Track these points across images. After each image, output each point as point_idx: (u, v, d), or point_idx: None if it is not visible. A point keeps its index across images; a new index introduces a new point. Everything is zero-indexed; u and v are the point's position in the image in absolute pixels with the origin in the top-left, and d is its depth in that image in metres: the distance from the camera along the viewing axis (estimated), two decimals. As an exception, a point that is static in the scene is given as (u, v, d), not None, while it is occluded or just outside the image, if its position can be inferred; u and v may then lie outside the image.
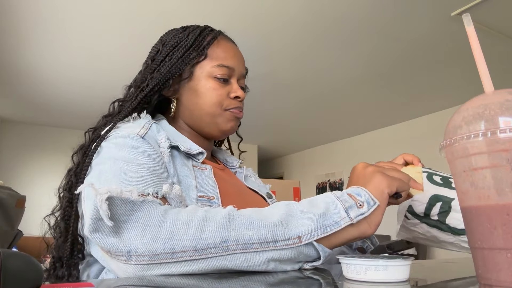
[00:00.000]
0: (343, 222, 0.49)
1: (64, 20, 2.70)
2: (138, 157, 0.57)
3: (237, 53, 0.80)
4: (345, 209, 0.49)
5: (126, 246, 0.44)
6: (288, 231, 0.48)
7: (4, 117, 4.87)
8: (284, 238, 0.47)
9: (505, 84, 2.36)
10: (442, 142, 0.38)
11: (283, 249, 0.47)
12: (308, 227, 0.48)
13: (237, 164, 0.87)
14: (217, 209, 0.50)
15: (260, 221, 0.48)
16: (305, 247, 0.49)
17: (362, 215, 0.49)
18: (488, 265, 0.34)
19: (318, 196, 0.54)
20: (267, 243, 0.47)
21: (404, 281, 0.42)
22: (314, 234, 0.48)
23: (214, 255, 0.45)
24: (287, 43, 3.07)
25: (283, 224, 0.48)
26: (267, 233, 0.47)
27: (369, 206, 0.50)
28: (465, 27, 0.39)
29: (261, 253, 0.47)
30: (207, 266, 0.45)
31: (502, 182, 0.33)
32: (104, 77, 3.66)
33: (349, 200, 0.51)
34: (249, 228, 0.47)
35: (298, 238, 0.48)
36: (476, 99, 0.37)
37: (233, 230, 0.46)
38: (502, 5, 2.48)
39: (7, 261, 0.26)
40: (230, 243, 0.45)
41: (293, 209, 0.51)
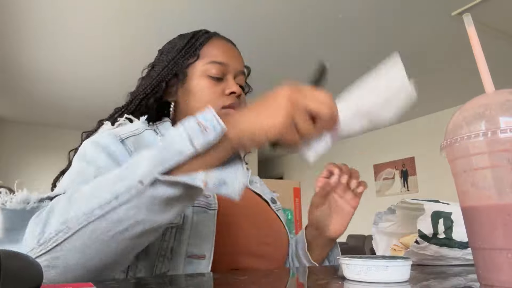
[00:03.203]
0: (186, 151, 0.42)
1: (65, 21, 2.70)
2: (98, 157, 0.59)
3: (230, 50, 0.79)
4: (188, 138, 0.42)
5: None
6: (128, 180, 0.42)
7: (4, 117, 4.87)
8: (125, 190, 0.41)
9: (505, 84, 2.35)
10: (443, 142, 0.38)
11: (128, 201, 0.41)
12: (147, 166, 0.42)
13: None
14: (68, 192, 0.46)
15: (100, 186, 0.44)
16: (154, 189, 0.41)
17: (207, 143, 0.42)
18: (488, 265, 0.34)
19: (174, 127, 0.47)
20: (109, 203, 0.41)
21: (404, 282, 0.41)
22: (154, 170, 0.41)
23: (58, 242, 0.41)
24: (287, 42, 3.07)
25: (123, 176, 0.43)
26: (107, 194, 0.42)
27: (215, 131, 0.42)
28: (466, 27, 0.39)
29: (106, 217, 0.41)
30: (59, 255, 0.41)
31: (502, 182, 0.33)
32: (104, 77, 3.66)
33: (195, 126, 0.43)
34: (88, 198, 0.43)
35: (140, 182, 0.41)
36: (476, 99, 0.37)
37: (72, 208, 0.42)
38: (502, 5, 2.48)
39: (7, 261, 0.26)
40: (70, 223, 0.41)
41: (138, 155, 0.45)
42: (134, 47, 3.06)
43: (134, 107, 0.74)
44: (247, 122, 0.45)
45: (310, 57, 3.30)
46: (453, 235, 0.63)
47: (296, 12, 2.62)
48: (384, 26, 2.79)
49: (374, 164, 5.74)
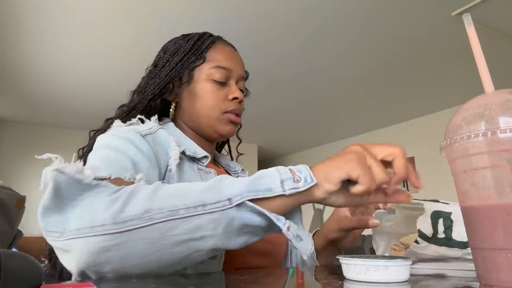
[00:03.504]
0: (275, 190, 0.45)
1: (65, 20, 2.70)
2: (128, 148, 0.60)
3: (235, 56, 0.81)
4: (280, 180, 0.46)
5: (63, 223, 0.43)
6: (217, 194, 0.44)
7: (4, 117, 4.87)
8: (213, 201, 0.44)
9: (505, 84, 2.35)
10: (443, 142, 0.38)
11: (212, 212, 0.43)
12: (239, 189, 0.45)
13: (239, 169, 0.88)
14: (149, 186, 0.47)
15: (188, 189, 0.46)
16: (238, 211, 0.44)
17: (296, 189, 0.45)
18: (488, 265, 0.34)
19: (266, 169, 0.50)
20: (195, 208, 0.43)
21: (404, 281, 0.42)
22: (245, 195, 0.44)
23: (135, 227, 0.42)
24: (287, 42, 3.07)
25: (212, 189, 0.45)
26: (195, 199, 0.44)
27: (305, 182, 0.46)
28: (466, 27, 0.39)
29: (189, 220, 0.43)
30: (128, 240, 0.42)
31: (502, 182, 0.33)
32: (104, 77, 3.66)
33: (288, 173, 0.47)
34: (175, 196, 0.44)
35: (228, 200, 0.44)
36: (476, 99, 0.37)
37: (158, 200, 0.44)
38: (502, 5, 2.48)
39: (7, 261, 0.26)
40: (153, 213, 0.42)
41: (226, 178, 0.48)
42: (134, 47, 3.06)
43: (142, 107, 0.76)
44: (326, 171, 0.48)
45: (310, 57, 3.30)
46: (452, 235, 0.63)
47: (295, 12, 2.62)
48: (384, 26, 2.79)
49: (374, 164, 5.73)
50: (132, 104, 0.77)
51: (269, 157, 7.68)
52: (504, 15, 2.61)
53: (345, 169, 0.46)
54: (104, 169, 0.54)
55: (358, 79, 3.79)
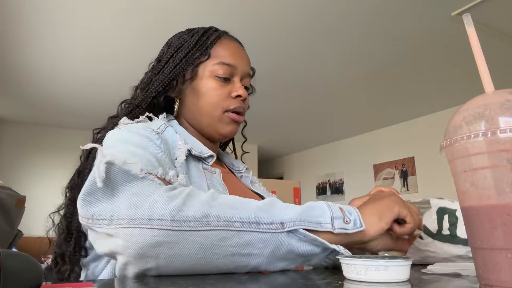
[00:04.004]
0: (325, 226, 0.47)
1: (65, 20, 2.70)
2: (148, 145, 0.59)
3: (240, 52, 0.79)
4: (331, 217, 0.48)
5: (111, 210, 0.43)
6: (272, 216, 0.46)
7: (4, 117, 4.87)
8: (267, 222, 0.45)
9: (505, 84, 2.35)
10: (442, 142, 0.38)
11: (264, 232, 0.44)
12: (291, 215, 0.47)
13: (243, 168, 0.87)
14: (202, 191, 0.48)
15: (243, 204, 0.47)
16: (288, 237, 0.46)
17: (344, 230, 0.48)
18: (488, 265, 0.34)
19: (316, 202, 0.52)
20: (250, 224, 0.44)
21: (404, 281, 0.42)
22: (297, 223, 0.46)
23: (192, 229, 0.42)
24: (287, 43, 3.07)
25: (267, 210, 0.46)
26: (250, 214, 0.45)
27: (355, 226, 0.49)
28: (466, 27, 0.39)
29: (242, 234, 0.44)
30: (182, 240, 0.42)
31: (502, 182, 0.33)
32: (104, 77, 3.66)
33: (339, 212, 0.50)
34: (232, 207, 0.45)
35: (281, 224, 0.45)
36: (476, 99, 0.37)
37: (216, 207, 0.44)
38: (502, 5, 2.48)
39: (7, 261, 0.26)
40: (211, 219, 0.43)
41: (278, 201, 0.50)
42: (135, 47, 3.06)
43: (146, 105, 0.74)
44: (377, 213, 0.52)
45: (310, 57, 3.30)
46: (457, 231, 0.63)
47: (295, 13, 2.62)
48: (384, 26, 2.79)
49: (374, 164, 5.74)
50: (136, 101, 0.75)
51: (269, 157, 7.68)
52: (504, 15, 2.61)
53: (396, 209, 0.51)
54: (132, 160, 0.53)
55: (358, 79, 3.78)
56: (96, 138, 0.70)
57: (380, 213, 0.51)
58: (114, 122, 0.70)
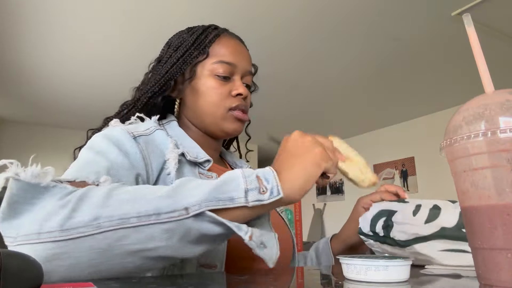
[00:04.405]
0: (238, 201, 0.42)
1: (64, 20, 2.70)
2: (110, 150, 0.58)
3: (240, 49, 0.77)
4: (245, 189, 0.43)
5: (16, 229, 0.40)
6: (175, 203, 0.41)
7: (4, 117, 4.87)
8: (168, 210, 0.41)
9: (505, 84, 2.35)
10: (443, 142, 0.38)
11: (166, 222, 0.40)
12: (198, 197, 0.41)
13: (247, 168, 0.85)
14: (103, 187, 0.45)
15: (144, 195, 0.43)
16: (195, 221, 0.41)
17: (259, 202, 0.43)
18: (488, 265, 0.34)
19: (232, 171, 0.47)
20: (148, 216, 0.40)
21: (404, 281, 0.42)
22: (203, 205, 0.41)
23: (83, 234, 0.39)
24: (287, 44, 3.07)
25: (171, 196, 0.42)
26: (149, 206, 0.41)
27: (271, 195, 0.43)
28: (466, 27, 0.39)
29: (141, 229, 0.40)
30: (75, 248, 0.39)
31: (502, 182, 0.33)
32: (104, 77, 3.66)
33: (255, 182, 0.44)
34: (128, 203, 0.41)
35: (185, 209, 0.41)
36: (476, 99, 0.37)
37: (109, 207, 0.41)
38: (502, 5, 2.48)
39: (7, 261, 0.26)
40: (102, 220, 0.39)
41: (189, 181, 0.45)
42: (135, 47, 3.06)
43: (141, 105, 0.73)
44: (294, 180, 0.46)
45: (310, 57, 3.30)
46: (391, 233, 0.62)
47: (295, 13, 2.62)
48: (384, 26, 2.79)
49: (374, 164, 5.74)
50: (132, 101, 0.74)
51: (269, 157, 7.68)
52: (504, 15, 2.61)
53: (321, 167, 0.47)
54: (75, 172, 0.53)
55: (358, 79, 3.78)
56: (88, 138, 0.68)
57: (305, 173, 0.46)
58: (105, 123, 0.69)
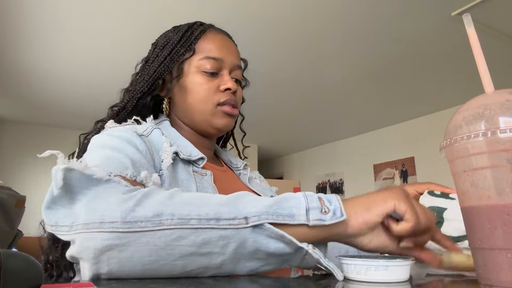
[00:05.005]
0: (298, 218, 0.41)
1: (64, 20, 2.70)
2: (125, 147, 0.58)
3: (226, 44, 0.76)
4: (306, 208, 0.42)
5: (72, 216, 0.41)
6: (235, 211, 0.41)
7: (4, 117, 4.87)
8: (228, 217, 0.40)
9: (505, 84, 2.35)
10: (443, 142, 0.38)
11: (225, 228, 0.40)
12: (258, 209, 0.41)
13: (242, 165, 0.85)
14: (166, 190, 0.45)
15: (204, 199, 0.43)
16: (253, 232, 0.41)
17: (321, 221, 0.42)
18: (488, 265, 0.34)
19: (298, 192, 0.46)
20: (208, 220, 0.40)
21: (404, 281, 0.42)
22: (263, 217, 0.41)
23: (143, 229, 0.39)
24: (287, 42, 3.07)
25: (231, 204, 0.42)
26: (210, 210, 0.41)
27: (334, 216, 0.42)
28: (466, 27, 0.39)
29: (199, 232, 0.40)
30: (133, 242, 0.39)
31: (502, 182, 0.33)
32: (104, 77, 3.66)
33: (316, 202, 0.43)
34: (190, 204, 0.41)
35: (244, 218, 0.40)
36: (476, 99, 0.37)
37: (172, 205, 0.41)
38: (502, 5, 2.48)
39: (7, 261, 0.26)
40: (164, 217, 0.40)
41: (248, 194, 0.45)
42: (134, 47, 3.06)
43: (132, 106, 0.73)
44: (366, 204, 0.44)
45: (310, 57, 3.30)
46: (442, 230, 0.63)
47: (295, 12, 2.62)
48: (384, 26, 2.79)
49: (374, 164, 5.74)
50: (122, 103, 0.74)
51: (269, 157, 7.68)
52: (504, 15, 2.61)
53: (392, 201, 0.43)
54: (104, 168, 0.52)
55: (358, 79, 3.78)
56: (82, 143, 0.69)
57: (369, 203, 0.44)
58: (100, 126, 0.69)
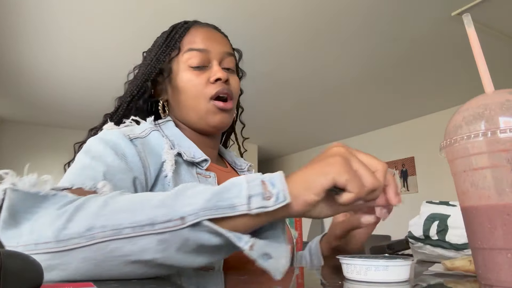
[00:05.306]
0: (239, 209, 0.38)
1: (64, 20, 2.70)
2: (107, 154, 0.57)
3: (211, 35, 0.75)
4: (248, 196, 0.39)
5: (16, 238, 0.40)
6: (170, 212, 0.38)
7: (4, 117, 4.87)
8: (163, 220, 0.38)
9: (505, 84, 2.35)
10: (443, 142, 0.38)
11: (161, 232, 0.38)
12: (196, 206, 0.38)
13: (246, 167, 0.84)
14: (101, 196, 0.43)
15: (140, 203, 0.40)
16: (192, 231, 0.38)
17: (263, 208, 0.38)
18: (488, 265, 0.34)
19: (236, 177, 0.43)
20: (142, 227, 0.38)
21: (404, 281, 0.42)
22: (201, 214, 0.38)
23: (77, 246, 0.38)
24: (287, 42, 3.07)
25: (166, 205, 0.39)
26: (144, 215, 0.38)
27: (277, 200, 0.39)
28: (466, 27, 0.39)
29: (134, 240, 0.38)
30: (71, 259, 0.38)
31: (502, 182, 0.33)
32: (104, 76, 3.66)
33: (259, 187, 0.40)
34: (123, 212, 0.39)
35: (181, 219, 0.38)
36: (476, 99, 0.37)
37: (103, 216, 0.39)
38: (502, 5, 2.48)
39: (7, 261, 0.26)
40: (95, 231, 0.38)
41: (189, 187, 0.42)
42: (134, 47, 3.06)
43: (122, 111, 0.72)
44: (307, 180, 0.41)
45: (310, 57, 3.30)
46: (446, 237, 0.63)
47: (295, 12, 2.62)
48: (384, 26, 2.79)
49: (374, 164, 5.74)
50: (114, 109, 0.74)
51: (269, 157, 7.68)
52: (504, 15, 2.61)
53: (330, 175, 0.39)
54: (72, 178, 0.52)
55: (357, 79, 3.78)
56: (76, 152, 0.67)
57: (309, 180, 0.40)
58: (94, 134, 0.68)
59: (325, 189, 0.40)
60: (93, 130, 0.72)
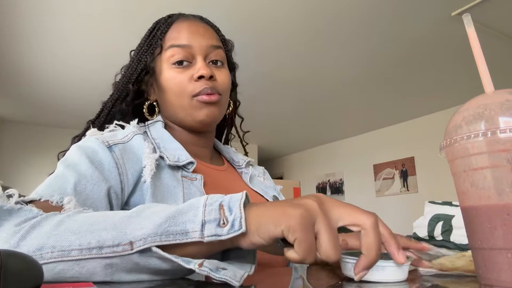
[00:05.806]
0: (191, 235, 0.36)
1: (64, 20, 2.70)
2: (81, 163, 0.55)
3: (193, 28, 0.70)
4: (202, 222, 0.36)
5: None
6: (120, 236, 0.37)
7: (4, 117, 4.87)
8: (111, 244, 0.37)
9: (505, 84, 2.35)
10: (442, 142, 0.38)
11: (109, 257, 0.37)
12: (146, 230, 0.36)
13: (244, 163, 0.81)
14: (60, 215, 0.42)
15: (92, 225, 0.39)
16: (141, 257, 0.36)
17: (216, 237, 0.36)
18: (488, 265, 0.34)
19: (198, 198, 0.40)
20: (89, 250, 0.37)
21: (402, 281, 0.42)
22: (149, 240, 0.36)
23: None
24: (287, 42, 3.07)
25: (118, 228, 0.37)
26: (93, 238, 0.37)
27: (232, 228, 0.36)
28: (466, 27, 0.39)
29: (82, 263, 0.37)
30: None
31: (502, 182, 0.33)
32: (104, 76, 3.66)
33: (215, 212, 0.37)
34: (74, 233, 0.38)
35: (129, 244, 0.36)
36: (476, 99, 0.37)
37: (54, 236, 0.38)
38: (502, 5, 2.48)
39: (7, 261, 0.26)
40: (44, 251, 0.37)
41: (147, 208, 0.40)
42: (134, 48, 3.06)
43: (104, 117, 0.70)
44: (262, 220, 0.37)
45: (310, 57, 3.30)
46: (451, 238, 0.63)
47: (295, 13, 2.62)
48: (384, 26, 2.79)
49: (374, 164, 5.74)
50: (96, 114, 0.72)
51: (269, 157, 7.69)
52: (504, 15, 2.62)
53: (281, 227, 0.35)
54: (43, 189, 0.51)
55: (357, 79, 3.78)
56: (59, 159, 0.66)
57: (262, 222, 0.36)
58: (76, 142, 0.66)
59: (272, 238, 0.36)
60: (76, 137, 0.70)
